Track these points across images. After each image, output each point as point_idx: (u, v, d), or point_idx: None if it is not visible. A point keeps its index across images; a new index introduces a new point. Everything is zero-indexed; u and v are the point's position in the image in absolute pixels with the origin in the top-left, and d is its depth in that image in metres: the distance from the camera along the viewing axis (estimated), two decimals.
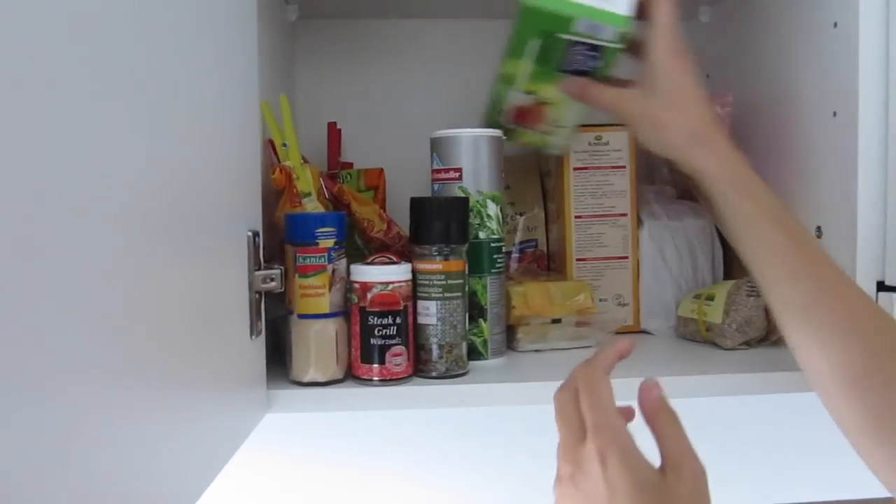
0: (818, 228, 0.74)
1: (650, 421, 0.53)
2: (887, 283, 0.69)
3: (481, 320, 0.73)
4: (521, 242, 0.94)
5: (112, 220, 0.36)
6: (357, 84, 1.01)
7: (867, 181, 0.69)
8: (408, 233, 0.73)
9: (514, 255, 0.93)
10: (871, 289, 0.69)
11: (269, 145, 0.72)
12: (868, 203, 0.69)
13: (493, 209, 0.74)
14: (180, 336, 0.45)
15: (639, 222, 0.88)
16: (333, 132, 0.86)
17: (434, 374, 0.68)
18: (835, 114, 0.71)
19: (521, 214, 0.94)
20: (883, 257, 0.69)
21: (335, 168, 0.82)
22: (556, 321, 0.78)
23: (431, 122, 1.01)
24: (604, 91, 0.70)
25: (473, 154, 0.73)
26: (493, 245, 0.74)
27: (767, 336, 0.79)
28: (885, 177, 0.68)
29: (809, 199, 0.76)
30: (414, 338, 0.68)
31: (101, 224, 0.35)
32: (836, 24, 0.71)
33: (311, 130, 0.92)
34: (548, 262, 0.95)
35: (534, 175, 0.96)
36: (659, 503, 0.48)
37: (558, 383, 0.67)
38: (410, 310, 0.67)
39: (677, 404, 0.54)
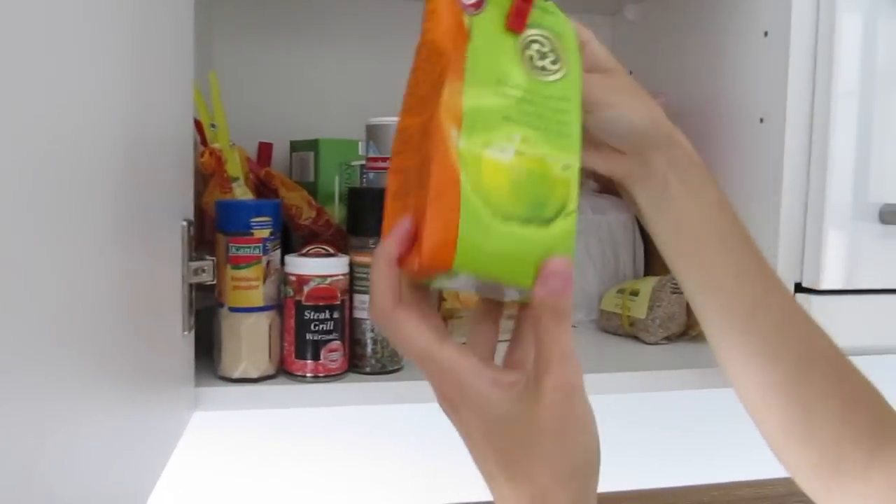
0: None
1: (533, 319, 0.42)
2: (804, 284, 0.72)
3: None
4: None
5: (35, 201, 0.31)
6: (280, 59, 0.97)
7: (791, 186, 0.71)
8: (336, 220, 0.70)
9: None
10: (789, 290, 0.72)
11: (196, 125, 0.68)
12: (791, 207, 0.71)
13: None
14: (110, 332, 0.41)
15: None
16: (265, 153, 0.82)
17: (368, 369, 0.66)
18: (762, 120, 0.74)
19: None
20: (801, 260, 0.72)
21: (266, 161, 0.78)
22: None
23: (360, 102, 0.98)
24: None
25: None
26: None
27: (686, 331, 0.82)
28: (807, 182, 0.71)
29: (734, 200, 0.78)
30: (350, 333, 0.66)
31: (20, 205, 0.30)
32: (766, 33, 0.73)
33: (231, 108, 0.88)
34: None
35: None
36: (515, 438, 0.41)
37: None
38: (348, 304, 0.65)
39: (604, 400, 0.54)
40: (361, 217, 0.66)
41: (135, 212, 0.46)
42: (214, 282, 0.60)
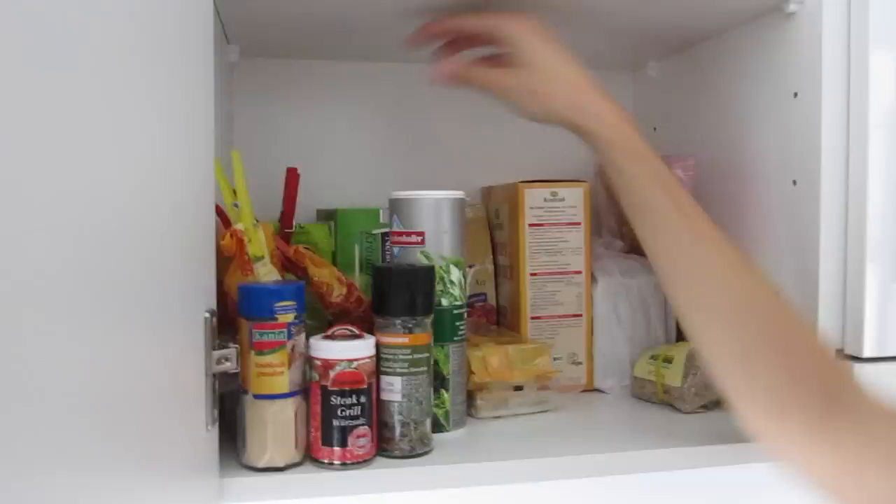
0: None
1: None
2: (847, 352, 0.69)
3: (443, 391, 0.70)
4: (470, 296, 0.91)
5: (60, 300, 0.30)
6: (300, 129, 0.96)
7: (828, 250, 0.69)
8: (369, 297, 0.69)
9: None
10: None
11: (216, 211, 0.66)
12: (828, 272, 0.69)
13: (456, 275, 0.71)
14: (130, 426, 0.40)
15: (592, 279, 0.87)
16: (293, 179, 0.78)
17: (398, 453, 0.64)
18: (795, 182, 0.72)
19: (470, 267, 0.91)
20: (843, 327, 0.70)
21: (290, 223, 0.77)
22: (518, 388, 0.76)
23: (381, 172, 0.98)
24: (486, 73, 0.71)
25: (436, 217, 0.70)
26: (455, 312, 0.71)
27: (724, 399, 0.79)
28: (845, 246, 0.69)
29: (768, 264, 0.76)
30: (377, 415, 0.64)
31: (47, 304, 0.29)
32: (796, 94, 0.72)
33: (251, 178, 0.87)
34: (497, 317, 0.92)
35: (482, 227, 0.93)
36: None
37: (526, 461, 0.65)
38: (375, 387, 0.63)
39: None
40: (387, 296, 0.65)
41: (155, 304, 0.44)
42: (238, 370, 0.58)
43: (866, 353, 0.68)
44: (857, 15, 0.67)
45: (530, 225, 0.84)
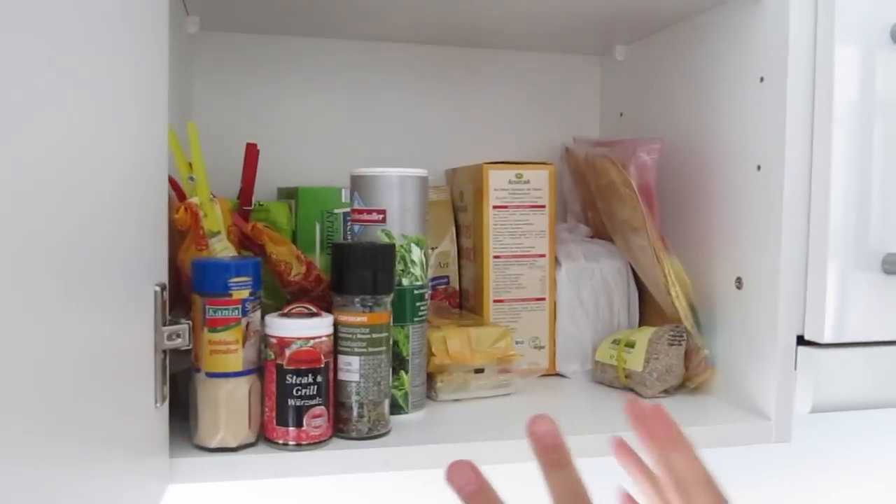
0: (738, 280, 0.74)
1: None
2: (807, 337, 0.70)
3: (402, 372, 0.69)
4: (433, 279, 0.90)
5: None
6: (259, 106, 0.94)
7: (790, 235, 0.69)
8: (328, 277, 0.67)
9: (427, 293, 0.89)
10: (791, 343, 0.70)
11: (169, 181, 0.64)
12: (790, 257, 0.69)
13: (417, 254, 0.69)
14: (75, 403, 0.38)
15: (556, 263, 0.86)
16: (252, 155, 0.76)
17: (355, 434, 0.63)
18: (759, 167, 0.72)
19: (432, 249, 0.90)
20: (803, 312, 0.70)
21: (249, 200, 0.75)
22: (479, 371, 0.75)
23: (345, 151, 0.96)
24: None
25: (399, 195, 0.69)
26: (416, 292, 0.70)
27: (685, 383, 0.79)
28: (807, 231, 0.69)
29: (731, 249, 0.76)
30: (334, 395, 0.62)
31: None
32: (762, 79, 0.71)
33: (210, 154, 0.85)
34: (460, 300, 0.91)
35: (447, 209, 0.92)
36: None
37: (486, 443, 0.64)
38: (332, 366, 0.62)
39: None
40: (346, 274, 0.63)
41: (101, 276, 0.42)
42: (190, 346, 0.56)
43: (826, 339, 0.68)
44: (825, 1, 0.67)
45: (494, 207, 0.83)
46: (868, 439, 1.18)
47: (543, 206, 0.85)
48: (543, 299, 0.85)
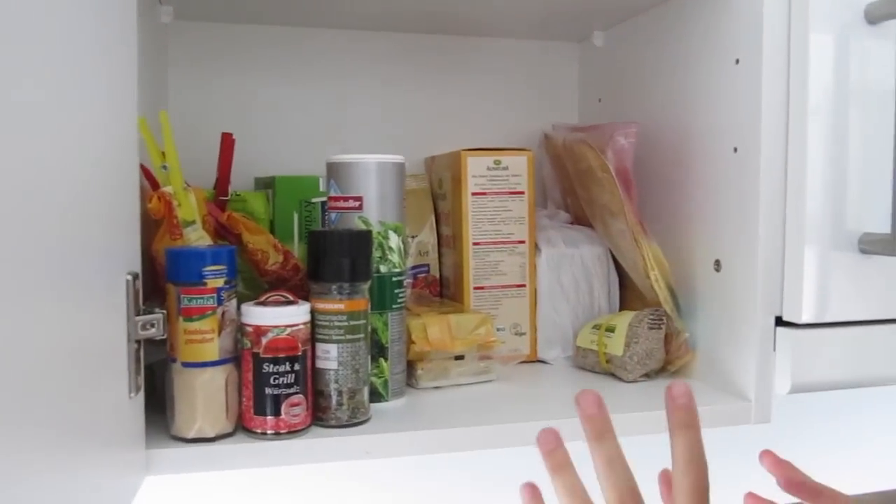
0: (717, 262, 0.74)
1: None
2: (784, 318, 0.70)
3: (382, 359, 0.69)
4: (413, 267, 0.90)
5: None
6: (235, 95, 0.93)
7: (768, 217, 0.69)
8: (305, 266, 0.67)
9: (407, 281, 0.89)
10: (769, 324, 0.70)
11: (142, 170, 0.64)
12: (768, 239, 0.69)
13: (395, 241, 0.69)
14: (48, 395, 0.38)
15: (536, 249, 0.86)
16: (227, 145, 0.74)
17: (334, 422, 0.63)
18: (735, 149, 0.72)
19: (412, 238, 0.90)
20: (781, 293, 0.70)
21: (225, 190, 0.74)
22: (459, 357, 0.75)
23: (322, 141, 0.95)
24: None
25: (376, 182, 0.68)
26: (394, 279, 0.69)
27: (665, 367, 0.79)
28: (784, 213, 0.69)
29: (709, 232, 0.76)
30: (312, 384, 0.62)
31: None
32: (738, 61, 0.71)
33: (186, 144, 0.84)
34: (440, 288, 0.91)
35: (425, 197, 0.92)
36: None
37: (467, 429, 0.64)
38: (310, 354, 0.61)
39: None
40: (322, 261, 0.63)
41: (71, 265, 0.42)
42: (165, 336, 0.56)
43: (804, 320, 0.68)
44: None
45: (473, 194, 0.83)
46: (847, 419, 1.19)
47: (522, 193, 0.84)
48: (524, 286, 0.85)
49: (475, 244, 0.83)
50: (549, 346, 0.86)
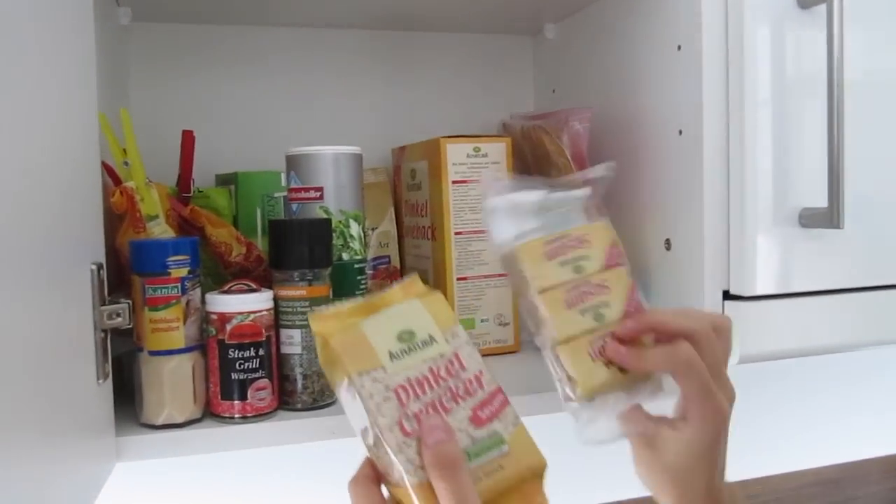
0: (667, 241, 0.77)
1: None
2: (732, 292, 0.73)
3: None
4: (373, 259, 0.91)
5: None
6: (196, 94, 0.94)
7: (712, 195, 0.72)
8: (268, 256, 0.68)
9: (367, 273, 0.90)
10: (717, 298, 0.73)
11: (104, 167, 0.65)
12: (713, 217, 0.72)
13: (355, 229, 0.71)
14: (15, 385, 0.39)
15: None
16: (188, 142, 0.75)
17: (300, 405, 0.65)
18: (680, 132, 0.75)
19: (372, 230, 0.91)
20: (727, 268, 0.73)
21: (188, 186, 0.75)
22: None
23: (282, 136, 0.97)
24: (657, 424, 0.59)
25: (335, 172, 0.70)
26: (356, 266, 0.71)
27: None
28: (727, 191, 0.72)
29: (659, 213, 0.79)
30: (277, 368, 0.64)
31: None
32: (679, 47, 0.74)
33: (148, 143, 0.85)
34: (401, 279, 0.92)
35: (383, 190, 0.94)
36: None
37: None
38: (274, 339, 0.63)
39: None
40: (283, 249, 0.65)
41: (33, 259, 0.43)
42: (130, 325, 0.57)
43: (751, 293, 0.71)
44: None
45: (454, 182, 0.83)
46: (795, 389, 1.23)
47: None
48: (506, 275, 0.86)
49: (457, 234, 0.83)
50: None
